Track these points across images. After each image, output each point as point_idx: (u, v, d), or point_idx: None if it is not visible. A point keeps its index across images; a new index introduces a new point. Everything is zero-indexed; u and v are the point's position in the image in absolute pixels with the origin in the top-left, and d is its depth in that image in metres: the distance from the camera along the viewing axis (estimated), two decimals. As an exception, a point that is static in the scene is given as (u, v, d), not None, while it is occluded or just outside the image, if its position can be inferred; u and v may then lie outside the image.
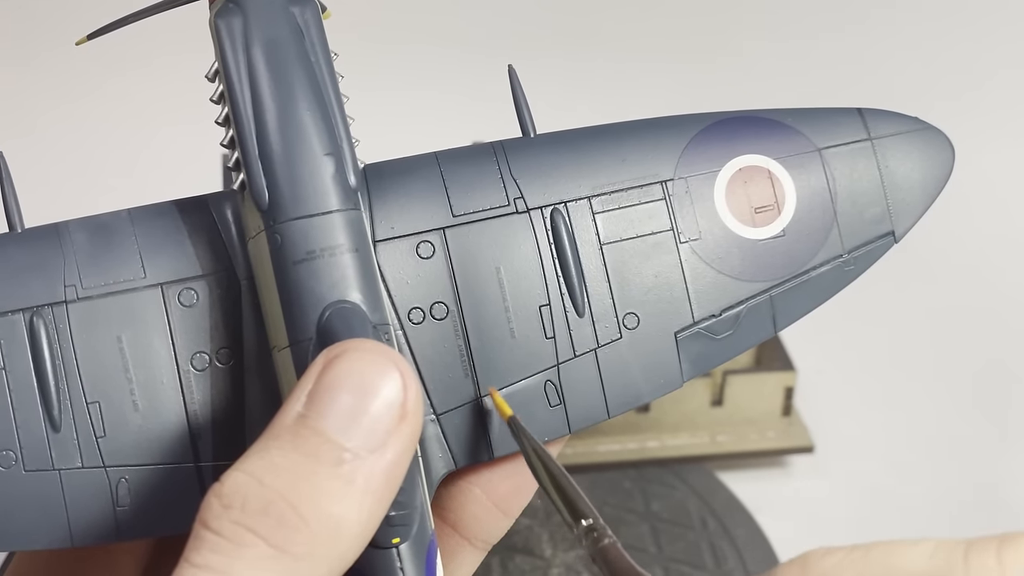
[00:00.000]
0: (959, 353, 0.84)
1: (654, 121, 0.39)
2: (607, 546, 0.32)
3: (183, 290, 0.36)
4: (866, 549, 0.28)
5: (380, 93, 0.90)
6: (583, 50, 1.04)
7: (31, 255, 0.36)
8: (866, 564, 0.28)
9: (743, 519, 0.73)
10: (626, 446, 0.76)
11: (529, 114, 0.39)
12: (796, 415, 0.78)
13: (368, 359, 0.31)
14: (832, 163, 0.39)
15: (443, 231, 0.37)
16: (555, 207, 0.38)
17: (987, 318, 0.86)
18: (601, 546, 0.32)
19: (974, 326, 0.86)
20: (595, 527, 0.32)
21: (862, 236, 0.40)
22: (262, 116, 0.35)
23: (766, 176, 0.39)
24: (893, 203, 0.40)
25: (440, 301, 0.37)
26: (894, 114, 0.40)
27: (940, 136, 0.40)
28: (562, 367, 0.38)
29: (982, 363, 0.84)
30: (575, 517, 0.33)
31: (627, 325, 0.38)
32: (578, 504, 0.33)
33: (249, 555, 0.29)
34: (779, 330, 0.39)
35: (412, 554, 0.34)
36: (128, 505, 0.36)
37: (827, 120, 0.40)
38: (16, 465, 0.35)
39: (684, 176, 0.39)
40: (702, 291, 0.39)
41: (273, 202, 0.35)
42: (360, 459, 0.30)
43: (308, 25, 0.36)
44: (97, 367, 0.36)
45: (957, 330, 0.86)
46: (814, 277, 0.39)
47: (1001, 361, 0.84)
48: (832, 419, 0.79)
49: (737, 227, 0.39)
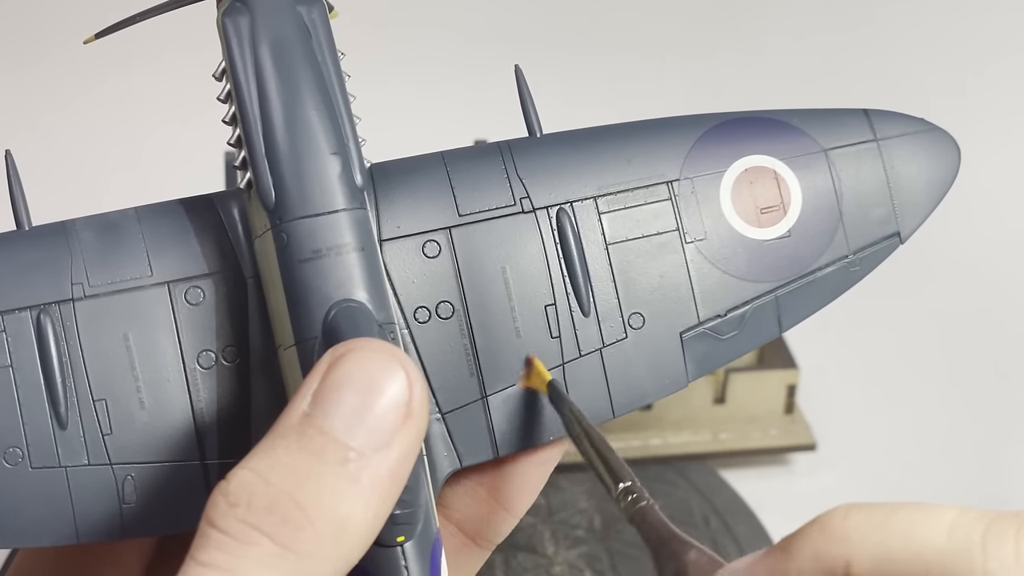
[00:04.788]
0: (961, 351, 0.84)
1: (660, 121, 0.39)
2: (645, 508, 0.32)
3: (190, 288, 0.36)
4: (887, 513, 0.28)
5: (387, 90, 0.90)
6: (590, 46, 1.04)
7: (38, 253, 0.36)
8: (886, 533, 0.27)
9: (745, 517, 0.74)
10: (629, 444, 0.77)
11: (535, 114, 0.39)
12: (798, 413, 0.78)
13: (373, 358, 0.31)
14: (838, 164, 0.39)
15: (449, 230, 0.37)
16: (561, 207, 0.38)
17: (989, 316, 0.86)
18: (639, 507, 0.32)
19: (976, 324, 0.86)
20: (633, 489, 0.32)
21: (868, 237, 0.40)
22: (269, 115, 0.35)
23: (772, 177, 0.39)
24: (899, 204, 0.40)
25: (446, 300, 0.37)
26: (900, 115, 0.40)
27: (946, 137, 0.40)
28: (567, 367, 0.38)
29: (983, 360, 0.84)
30: (614, 480, 0.33)
31: (632, 325, 0.38)
32: (616, 467, 0.33)
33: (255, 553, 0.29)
34: (784, 330, 0.39)
35: (417, 552, 0.34)
36: (134, 502, 0.36)
37: (833, 121, 0.40)
38: (23, 462, 0.35)
39: (690, 176, 0.39)
40: (707, 291, 0.38)
41: (279, 201, 0.35)
42: (365, 458, 0.30)
43: (315, 24, 0.36)
44: (104, 365, 0.36)
45: (959, 328, 0.86)
46: (819, 278, 0.39)
47: (1003, 359, 0.84)
48: (834, 417, 0.80)
49: (743, 227, 0.39)
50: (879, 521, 0.28)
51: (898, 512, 0.28)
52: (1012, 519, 0.27)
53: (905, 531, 0.27)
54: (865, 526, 0.28)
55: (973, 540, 0.27)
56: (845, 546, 0.28)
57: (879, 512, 0.28)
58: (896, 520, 0.28)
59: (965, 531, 0.27)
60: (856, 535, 0.28)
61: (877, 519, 0.28)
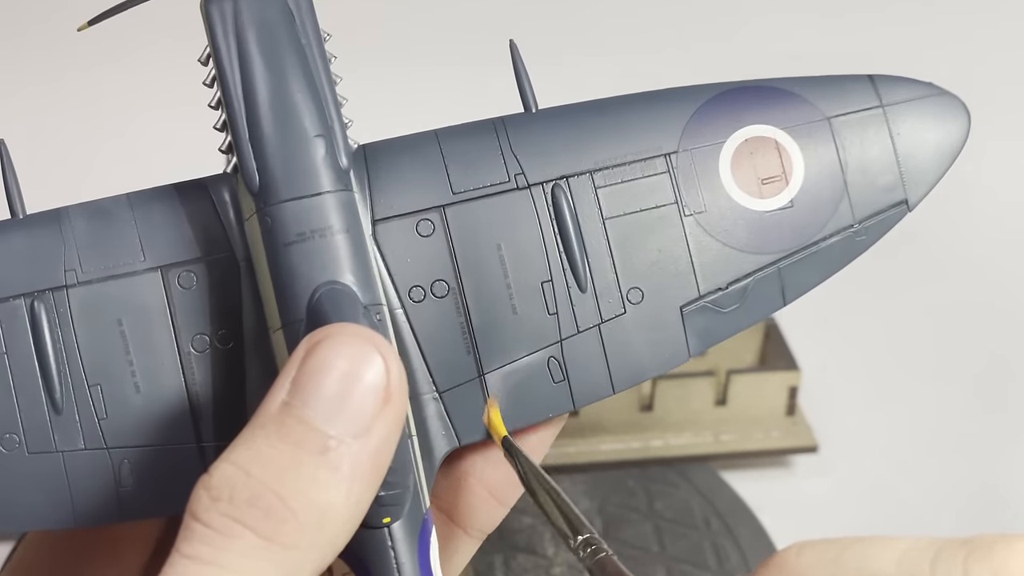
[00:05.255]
0: (963, 352, 0.84)
1: (657, 93, 0.39)
2: (604, 559, 0.32)
3: (182, 273, 0.36)
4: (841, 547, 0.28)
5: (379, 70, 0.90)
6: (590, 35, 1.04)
7: (32, 241, 0.36)
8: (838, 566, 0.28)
9: (746, 519, 0.73)
10: (630, 445, 0.76)
11: (531, 89, 0.38)
12: (800, 414, 0.78)
13: (350, 343, 0.31)
14: (842, 132, 0.39)
15: (443, 209, 0.37)
16: (556, 182, 0.38)
17: (991, 317, 0.86)
18: (599, 558, 0.32)
19: (978, 325, 0.85)
20: (592, 540, 0.33)
21: (874, 205, 0.39)
22: (252, 99, 0.35)
23: (773, 146, 0.39)
24: (906, 171, 0.39)
25: (441, 279, 0.37)
26: (907, 80, 0.40)
27: (955, 101, 0.40)
28: (565, 343, 0.38)
29: (986, 362, 0.83)
30: (573, 531, 0.33)
31: (631, 300, 0.38)
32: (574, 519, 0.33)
33: (238, 546, 0.29)
34: (788, 302, 0.39)
35: (405, 533, 0.34)
36: (131, 486, 0.36)
37: (837, 88, 0.39)
38: (19, 448, 0.35)
39: (688, 148, 0.38)
40: (708, 264, 0.38)
41: (264, 184, 0.35)
42: (345, 445, 0.30)
43: (299, 7, 0.36)
44: (98, 350, 0.36)
45: (961, 329, 0.85)
46: (824, 248, 0.39)
47: (1005, 359, 0.84)
48: (836, 418, 0.79)
49: (743, 199, 0.38)
50: (832, 556, 0.28)
51: (850, 547, 0.28)
52: (959, 547, 0.27)
53: (857, 564, 0.28)
54: (818, 562, 0.28)
55: (921, 569, 0.27)
56: None
57: (832, 548, 0.28)
58: (848, 555, 0.28)
59: (913, 560, 0.27)
60: (811, 572, 0.28)
61: (830, 555, 0.28)
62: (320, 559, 0.30)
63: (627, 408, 0.76)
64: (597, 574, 0.32)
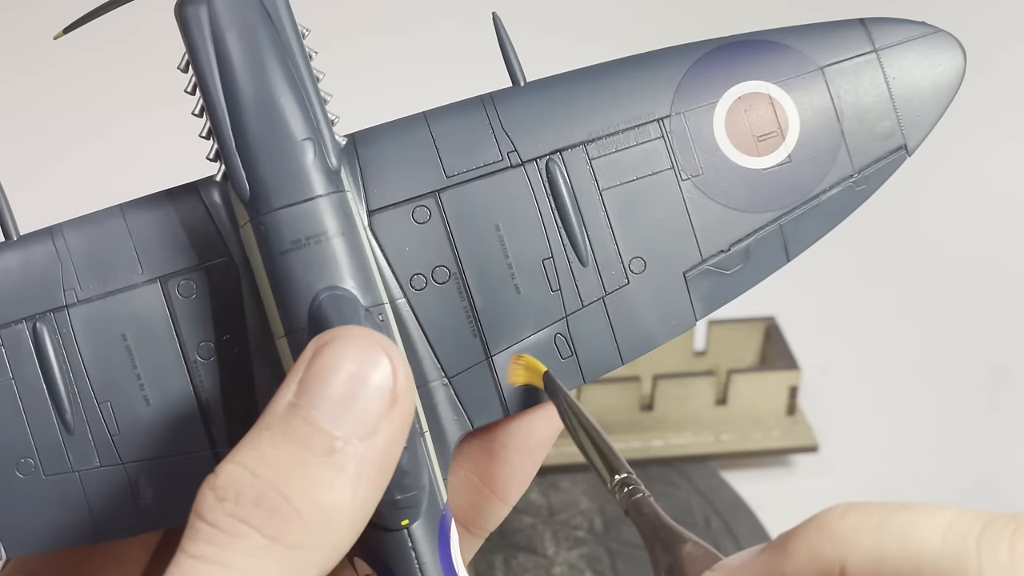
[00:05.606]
0: (964, 351, 0.84)
1: (646, 56, 0.38)
2: (641, 500, 0.32)
3: (182, 281, 0.36)
4: (884, 513, 0.27)
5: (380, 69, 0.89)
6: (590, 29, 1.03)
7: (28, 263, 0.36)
8: (882, 533, 0.27)
9: (747, 518, 0.73)
10: (630, 445, 0.76)
11: (518, 62, 0.38)
12: (800, 414, 0.78)
13: (356, 345, 0.31)
14: (835, 80, 0.38)
15: (437, 194, 0.37)
16: (550, 157, 0.37)
17: (991, 316, 0.86)
18: (635, 499, 0.32)
19: (979, 324, 0.86)
20: (629, 481, 0.33)
21: (872, 153, 0.39)
22: (236, 106, 0.35)
23: (767, 102, 0.38)
24: (903, 116, 0.39)
25: (441, 265, 0.37)
26: (899, 21, 0.39)
27: (949, 39, 0.39)
28: (571, 318, 0.37)
29: (986, 361, 0.83)
30: (610, 471, 0.33)
31: (633, 270, 0.38)
32: (612, 459, 0.33)
33: (243, 546, 0.29)
34: (792, 258, 0.38)
35: (424, 533, 0.34)
36: (149, 497, 0.36)
37: (828, 35, 0.39)
38: (36, 472, 0.35)
39: (681, 111, 0.38)
40: (708, 227, 0.38)
41: (255, 193, 0.34)
42: (351, 446, 0.30)
43: (275, 5, 0.35)
44: (105, 367, 0.36)
45: (961, 329, 0.85)
46: (824, 201, 0.38)
47: (1005, 359, 0.84)
48: (836, 418, 0.79)
49: (740, 158, 0.38)
50: (876, 521, 0.27)
51: (895, 513, 0.28)
52: (1008, 521, 0.27)
53: (901, 532, 0.27)
54: (862, 526, 0.28)
55: (968, 542, 0.27)
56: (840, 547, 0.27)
57: (876, 512, 0.28)
58: (893, 521, 0.27)
59: (960, 533, 0.27)
60: (853, 535, 0.27)
61: (874, 519, 0.28)
62: (325, 559, 0.30)
63: (627, 408, 0.76)
64: (633, 514, 0.32)
